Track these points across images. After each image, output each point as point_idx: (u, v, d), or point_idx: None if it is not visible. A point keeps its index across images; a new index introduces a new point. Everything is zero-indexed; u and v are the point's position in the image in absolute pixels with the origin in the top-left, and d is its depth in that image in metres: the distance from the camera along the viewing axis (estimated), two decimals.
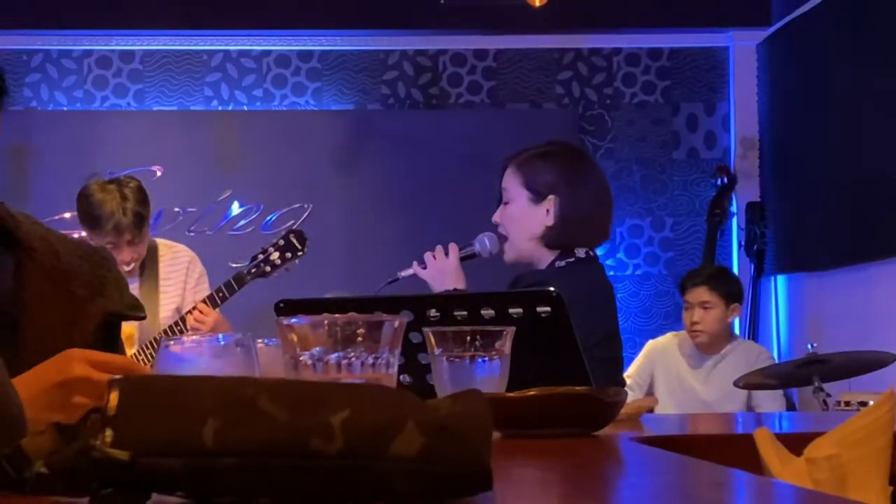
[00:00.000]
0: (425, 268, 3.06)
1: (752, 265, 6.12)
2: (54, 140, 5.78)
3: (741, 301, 5.20)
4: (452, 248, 3.06)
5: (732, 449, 1.50)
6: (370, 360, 1.25)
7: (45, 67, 6.07)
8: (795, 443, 1.26)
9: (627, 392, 1.71)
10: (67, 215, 4.29)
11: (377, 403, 0.80)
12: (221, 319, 4.16)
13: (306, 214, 5.89)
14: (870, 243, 5.15)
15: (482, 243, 3.08)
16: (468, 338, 1.56)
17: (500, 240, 3.05)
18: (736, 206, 6.25)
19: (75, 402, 1.39)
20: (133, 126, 6.00)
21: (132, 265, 4.16)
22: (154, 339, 4.03)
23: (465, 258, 3.08)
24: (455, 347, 1.56)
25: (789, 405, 5.55)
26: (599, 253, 3.11)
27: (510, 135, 5.18)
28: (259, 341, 1.46)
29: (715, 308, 5.05)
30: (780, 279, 6.12)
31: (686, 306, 5.11)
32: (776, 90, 6.11)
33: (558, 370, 2.02)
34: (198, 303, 4.15)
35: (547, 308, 2.02)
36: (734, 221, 6.26)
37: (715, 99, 6.34)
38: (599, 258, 3.07)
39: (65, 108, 6.09)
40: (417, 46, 6.24)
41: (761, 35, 6.19)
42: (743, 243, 6.18)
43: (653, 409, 2.75)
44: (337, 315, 1.25)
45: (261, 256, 4.17)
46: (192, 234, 5.80)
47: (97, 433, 0.77)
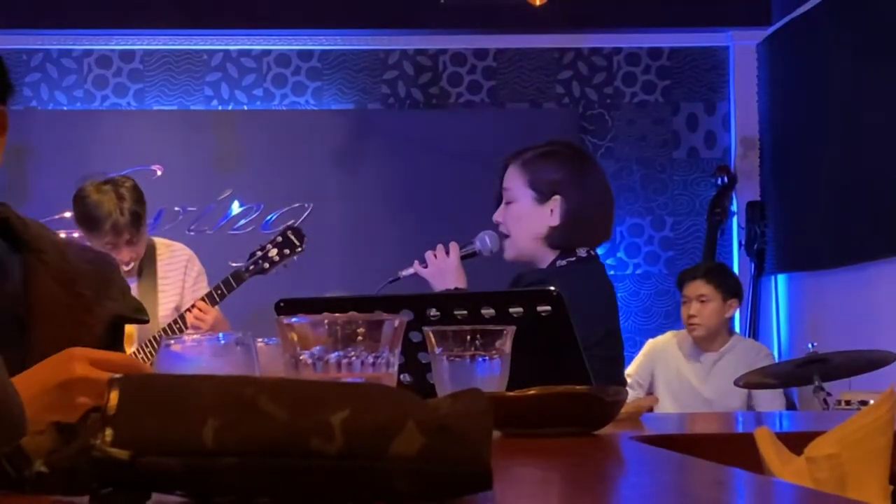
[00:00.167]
0: (426, 267, 3.06)
1: (753, 264, 6.12)
2: (54, 140, 5.78)
3: (739, 297, 5.20)
4: (453, 247, 3.06)
5: (733, 448, 1.50)
6: (370, 360, 1.25)
7: (45, 67, 6.07)
8: (796, 442, 1.26)
9: (627, 391, 1.71)
10: (67, 214, 4.29)
11: (377, 403, 0.80)
12: (221, 318, 4.16)
13: (306, 214, 5.89)
14: (870, 242, 5.15)
15: (483, 242, 3.08)
16: (468, 337, 1.56)
17: (500, 238, 3.05)
18: (736, 206, 6.25)
19: (76, 403, 1.39)
20: (133, 126, 6.00)
21: (131, 265, 4.15)
22: (153, 338, 4.03)
23: (466, 257, 3.07)
24: (455, 347, 1.56)
25: (789, 404, 5.55)
26: (600, 252, 3.11)
27: (510, 134, 5.18)
28: (259, 340, 1.46)
29: (712, 301, 5.06)
30: (781, 278, 6.11)
31: (684, 300, 5.12)
32: (776, 90, 6.11)
33: (558, 369, 2.02)
34: (197, 301, 4.15)
35: (547, 307, 2.02)
36: (734, 221, 6.26)
37: (715, 98, 6.34)
38: (600, 257, 3.07)
39: (65, 108, 6.09)
40: (418, 46, 6.24)
41: (761, 35, 6.19)
42: (743, 243, 6.18)
43: (653, 409, 2.76)
44: (337, 314, 1.25)
45: (259, 253, 4.17)
46: (193, 234, 5.80)
47: (97, 432, 0.77)
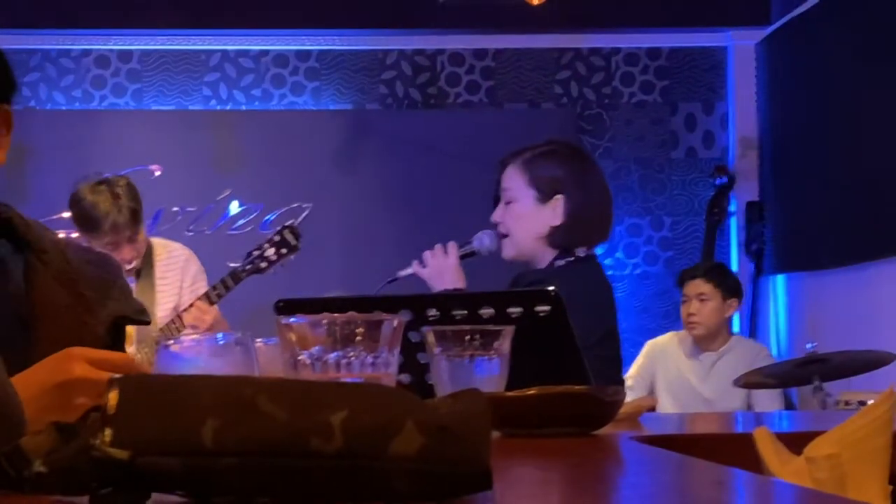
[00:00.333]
0: (425, 267, 3.06)
1: (752, 264, 6.12)
2: (53, 139, 5.78)
3: (739, 297, 5.20)
4: (452, 247, 3.05)
5: (732, 448, 1.50)
6: (369, 360, 1.25)
7: (44, 67, 6.07)
8: (795, 442, 1.26)
9: (626, 391, 1.71)
10: (66, 215, 4.28)
11: (376, 403, 0.80)
12: (220, 317, 4.16)
13: (305, 214, 5.89)
14: (869, 242, 5.15)
15: (481, 241, 3.07)
16: (467, 337, 1.56)
17: (499, 238, 3.04)
18: (735, 206, 6.25)
19: (75, 404, 1.39)
20: (131, 126, 6.00)
21: (133, 263, 4.16)
22: (151, 338, 4.03)
23: (465, 256, 3.07)
24: (454, 347, 1.56)
25: (789, 404, 5.55)
26: (598, 252, 3.11)
27: (509, 134, 5.17)
28: (258, 340, 1.46)
29: (712, 300, 5.06)
30: (780, 278, 6.11)
31: (684, 299, 5.13)
32: (775, 90, 6.11)
33: (557, 369, 2.02)
34: (195, 301, 4.15)
35: (546, 307, 2.02)
36: (733, 221, 6.26)
37: (714, 98, 6.34)
38: (598, 257, 3.07)
39: (63, 108, 6.09)
40: (416, 46, 6.24)
41: (760, 34, 6.18)
42: (742, 243, 6.18)
43: (654, 408, 2.76)
44: (336, 314, 1.25)
45: (256, 253, 4.17)
46: (191, 234, 5.80)
47: (96, 432, 0.77)
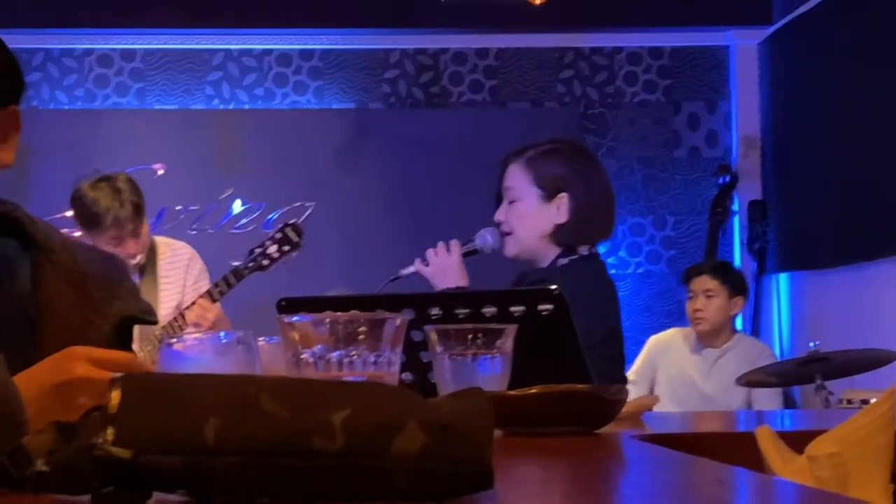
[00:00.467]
0: (427, 265, 3.05)
1: (754, 263, 6.12)
2: (55, 139, 5.78)
3: (745, 296, 5.20)
4: (454, 245, 3.05)
5: (734, 447, 1.49)
6: (372, 359, 1.25)
7: (47, 66, 6.07)
8: (797, 441, 1.26)
9: (628, 390, 1.71)
10: (69, 214, 4.29)
11: (378, 402, 0.80)
12: (222, 315, 4.16)
13: (308, 213, 5.89)
14: (872, 241, 5.15)
15: (483, 239, 3.06)
16: (470, 336, 1.56)
17: (501, 236, 3.04)
18: (738, 205, 6.25)
19: (76, 404, 1.39)
20: (134, 125, 6.00)
21: (138, 257, 4.18)
22: (154, 336, 4.04)
23: (467, 254, 3.06)
24: (457, 345, 1.56)
25: (791, 403, 5.56)
26: (601, 251, 3.10)
27: (512, 133, 5.18)
28: (260, 339, 1.46)
29: (718, 297, 5.07)
30: (782, 277, 6.11)
31: (690, 295, 5.13)
32: (778, 89, 6.11)
33: (560, 368, 2.02)
34: (197, 299, 4.15)
35: (549, 306, 2.02)
36: (736, 220, 6.26)
37: (716, 98, 6.34)
38: (601, 256, 3.07)
39: (66, 107, 6.09)
40: (419, 45, 6.24)
41: (763, 34, 6.18)
42: (745, 242, 6.17)
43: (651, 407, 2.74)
44: (339, 313, 1.25)
45: (258, 250, 4.18)
46: (194, 233, 5.80)
47: (98, 431, 0.77)
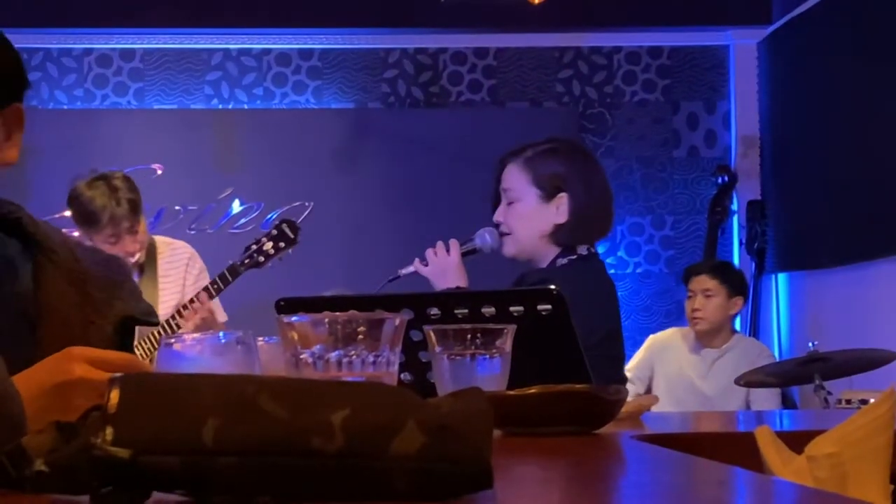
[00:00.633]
0: (427, 265, 3.05)
1: (753, 263, 6.12)
2: (54, 139, 5.78)
3: (744, 296, 5.20)
4: (453, 245, 3.05)
5: (733, 447, 1.49)
6: (371, 359, 1.25)
7: (46, 66, 6.07)
8: (796, 441, 1.26)
9: (628, 390, 1.71)
10: (68, 213, 4.29)
11: (378, 402, 0.80)
12: (212, 319, 4.15)
13: (307, 213, 5.89)
14: (871, 241, 5.15)
15: (482, 238, 3.06)
16: (469, 336, 1.56)
17: (500, 236, 3.03)
18: (737, 205, 6.25)
19: (75, 405, 1.39)
20: (133, 124, 6.00)
21: (137, 255, 4.19)
22: (153, 335, 4.04)
23: (467, 254, 3.06)
24: (456, 345, 1.56)
25: (790, 403, 5.56)
26: (600, 251, 3.10)
27: (511, 133, 5.17)
28: (260, 339, 1.46)
29: (717, 296, 5.06)
30: (781, 277, 6.11)
31: (689, 295, 5.14)
32: (777, 88, 6.11)
33: (559, 368, 2.02)
34: (194, 298, 4.15)
35: (548, 306, 2.02)
36: (735, 220, 6.26)
37: (715, 97, 6.34)
38: (600, 255, 3.07)
39: (65, 107, 6.09)
40: (418, 45, 6.24)
41: (762, 33, 6.18)
42: (744, 241, 6.17)
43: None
44: (337, 313, 1.25)
45: (254, 247, 4.18)
46: (193, 233, 5.80)
47: (97, 431, 0.77)
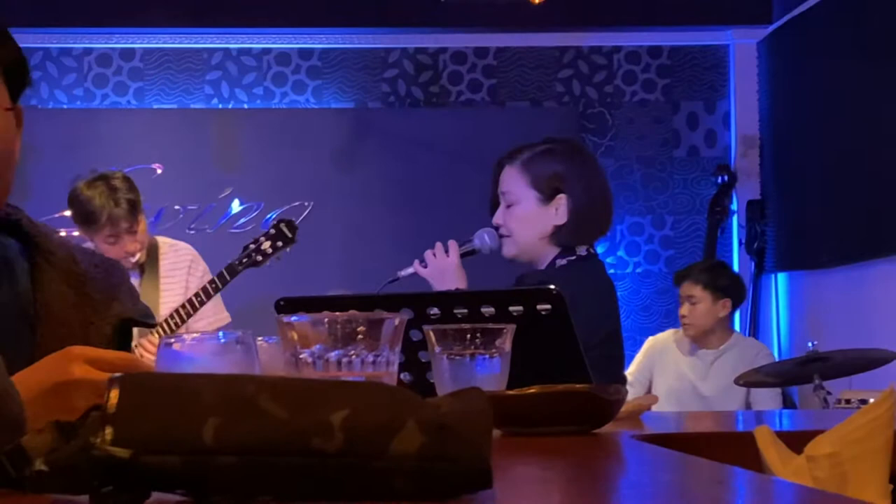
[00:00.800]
0: (426, 266, 3.05)
1: (753, 263, 6.12)
2: (54, 138, 5.78)
3: (735, 297, 5.17)
4: (452, 246, 3.04)
5: (733, 447, 1.49)
6: (370, 358, 1.25)
7: (45, 65, 6.07)
8: (796, 441, 1.26)
9: (627, 390, 1.71)
10: (67, 213, 4.29)
11: (377, 402, 0.80)
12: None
13: (307, 212, 5.89)
14: (870, 241, 5.15)
15: (481, 239, 3.06)
16: (468, 336, 1.56)
17: (500, 237, 3.03)
18: (736, 204, 6.25)
19: (74, 406, 1.39)
20: (133, 124, 6.00)
21: (137, 255, 4.19)
22: (153, 335, 4.03)
23: (466, 255, 3.05)
24: (455, 345, 1.56)
25: (790, 403, 5.56)
26: (599, 251, 3.10)
27: (511, 133, 5.17)
28: (259, 339, 1.46)
29: (701, 302, 5.06)
30: (781, 277, 6.11)
31: (680, 300, 5.15)
32: (777, 88, 6.11)
33: (558, 368, 2.02)
34: (149, 337, 4.02)
35: (547, 306, 2.02)
36: (734, 219, 6.26)
37: (715, 97, 6.34)
38: (599, 255, 3.06)
39: (65, 106, 6.09)
40: (418, 44, 6.24)
41: (762, 33, 6.18)
42: (743, 241, 6.18)
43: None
44: (337, 313, 1.25)
45: (252, 246, 4.18)
46: (193, 232, 5.80)
47: (97, 431, 0.77)
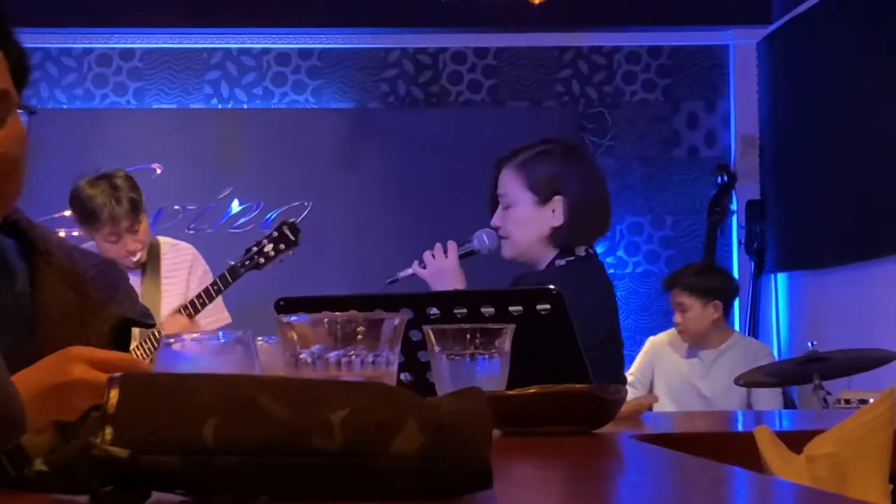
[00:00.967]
0: (425, 267, 3.05)
1: (753, 263, 6.12)
2: (54, 138, 5.77)
3: (724, 297, 5.13)
4: (451, 247, 3.04)
5: (733, 447, 1.50)
6: (370, 358, 1.25)
7: (45, 65, 6.06)
8: (795, 440, 1.26)
9: (627, 390, 1.71)
10: (67, 213, 4.29)
11: (377, 402, 0.80)
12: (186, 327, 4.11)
13: (306, 212, 5.89)
14: (870, 241, 5.15)
15: (480, 240, 3.06)
16: (468, 336, 1.56)
17: (499, 238, 3.03)
18: (736, 204, 6.25)
19: (74, 407, 1.39)
20: (133, 124, 6.00)
21: (138, 254, 4.19)
22: (153, 335, 4.03)
23: (465, 255, 3.06)
24: (455, 345, 1.56)
25: (789, 403, 5.55)
26: (599, 251, 3.10)
27: (510, 133, 5.16)
28: (259, 339, 1.46)
29: (691, 309, 5.05)
30: (781, 277, 6.11)
31: (672, 306, 5.17)
32: (776, 88, 6.11)
33: (558, 368, 2.02)
34: (173, 314, 4.09)
35: (547, 306, 2.02)
36: (734, 219, 6.26)
37: (715, 97, 6.34)
38: (599, 255, 3.06)
39: (64, 106, 6.09)
40: (418, 44, 6.24)
41: (761, 33, 6.18)
42: (743, 241, 6.18)
43: (652, 407, 2.74)
44: (337, 313, 1.25)
45: (255, 249, 4.18)
46: (192, 232, 5.80)
47: (97, 431, 0.77)
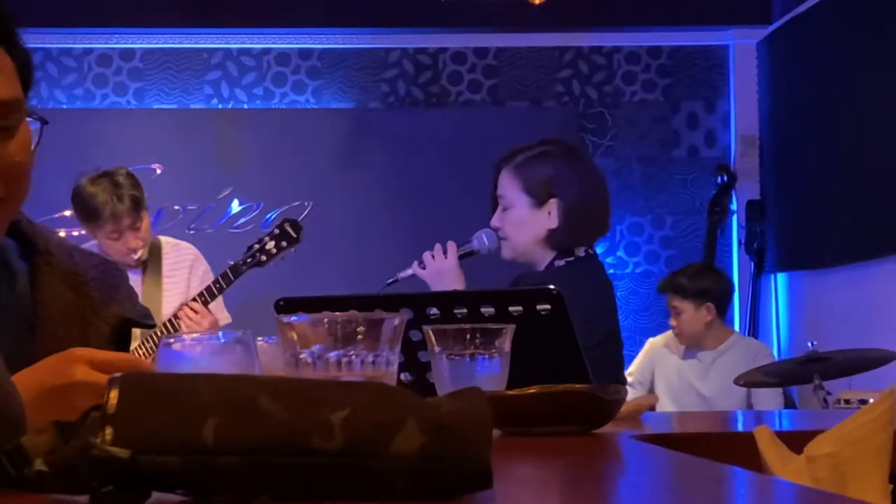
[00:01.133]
0: (425, 268, 3.05)
1: (753, 263, 6.12)
2: (54, 138, 5.71)
3: (717, 298, 5.10)
4: (451, 248, 3.04)
5: (732, 447, 1.50)
6: (370, 358, 1.25)
7: (45, 65, 6.06)
8: (796, 441, 1.26)
9: (627, 390, 1.71)
10: (67, 213, 4.30)
11: (377, 402, 0.80)
12: (215, 321, 4.15)
13: (306, 212, 5.89)
14: (870, 241, 5.15)
15: (480, 240, 3.06)
16: (468, 336, 1.56)
17: (499, 239, 3.03)
18: (736, 204, 6.25)
19: (75, 408, 1.39)
20: (133, 124, 5.99)
21: (140, 252, 4.20)
22: (154, 335, 4.04)
23: (464, 256, 3.06)
24: (455, 345, 1.56)
25: (789, 403, 5.55)
26: (599, 251, 3.10)
27: (510, 133, 5.16)
28: (259, 339, 1.46)
29: (684, 312, 5.04)
30: (781, 277, 6.11)
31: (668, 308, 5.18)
32: (776, 88, 6.11)
33: (558, 368, 2.02)
34: (189, 303, 4.13)
35: (547, 306, 2.02)
36: (734, 219, 6.26)
37: (715, 97, 6.34)
38: (598, 256, 3.07)
39: (65, 107, 6.09)
40: (418, 44, 6.24)
41: (761, 33, 6.18)
42: (743, 241, 6.18)
43: (654, 407, 2.74)
44: (337, 313, 1.25)
45: (256, 247, 4.18)
46: (193, 232, 5.80)
47: (97, 431, 0.77)
